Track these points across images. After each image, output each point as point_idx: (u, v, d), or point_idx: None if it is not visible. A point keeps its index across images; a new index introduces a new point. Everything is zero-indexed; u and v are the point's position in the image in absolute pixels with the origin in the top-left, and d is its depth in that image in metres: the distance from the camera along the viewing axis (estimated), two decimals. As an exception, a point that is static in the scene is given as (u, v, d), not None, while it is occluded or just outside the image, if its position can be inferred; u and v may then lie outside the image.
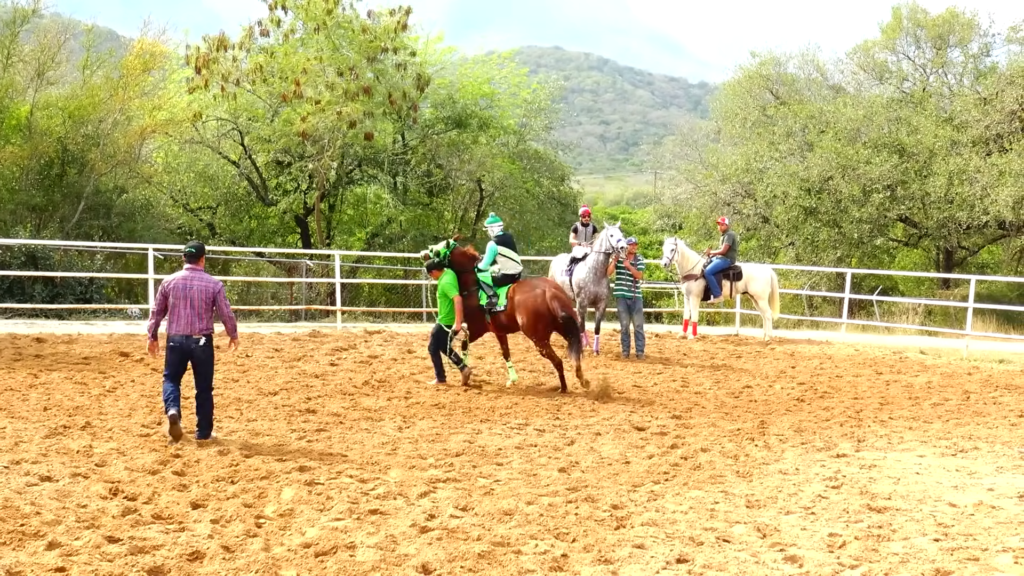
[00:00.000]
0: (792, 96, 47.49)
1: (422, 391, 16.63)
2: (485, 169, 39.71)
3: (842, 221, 41.02)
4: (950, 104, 43.50)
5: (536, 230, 42.59)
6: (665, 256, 26.21)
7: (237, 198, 40.87)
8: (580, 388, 16.85)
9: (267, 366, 18.54)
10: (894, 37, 46.96)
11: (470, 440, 12.70)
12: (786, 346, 25.15)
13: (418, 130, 40.20)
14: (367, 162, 39.68)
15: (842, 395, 17.54)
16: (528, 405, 15.73)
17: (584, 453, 12.16)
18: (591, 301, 22.29)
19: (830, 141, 41.36)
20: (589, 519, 9.12)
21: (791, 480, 10.94)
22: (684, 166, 50.63)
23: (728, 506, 9.75)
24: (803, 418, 15.10)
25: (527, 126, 44.70)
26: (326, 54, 35.98)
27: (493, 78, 43.53)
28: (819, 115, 43.83)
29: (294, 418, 13.80)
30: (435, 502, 9.55)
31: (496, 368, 19.65)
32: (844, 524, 9.18)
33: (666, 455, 12.16)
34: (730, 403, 16.53)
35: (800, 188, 41.50)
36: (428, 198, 42.00)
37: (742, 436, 13.44)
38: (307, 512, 9.11)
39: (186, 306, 12.14)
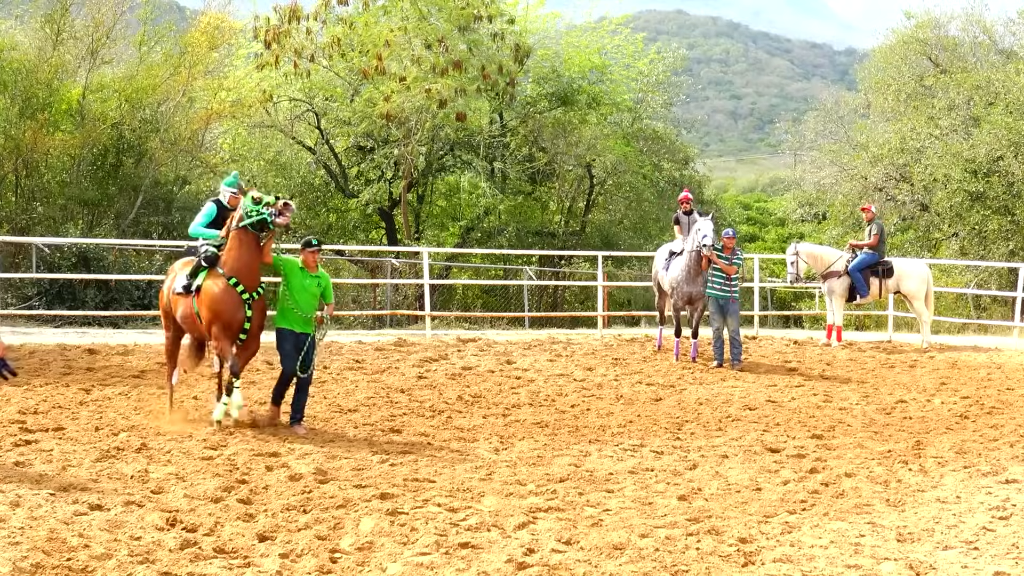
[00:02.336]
0: (954, 63, 46.79)
1: (523, 408, 16.67)
2: (595, 152, 39.69)
3: (1015, 208, 40.36)
4: None
5: (655, 221, 42.55)
6: (789, 272, 26.09)
7: (313, 189, 41.29)
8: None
9: (346, 379, 18.74)
10: (1076, -8, 46.13)
11: (576, 464, 12.71)
12: (948, 354, 24.80)
13: (518, 108, 40.27)
14: (460, 146, 39.86)
15: (1013, 411, 17.24)
16: (644, 424, 15.72)
17: (708, 478, 12.12)
18: (685, 301, 22.32)
19: (1000, 115, 40.71)
20: (712, 555, 9.08)
21: (951, 510, 10.79)
22: (828, 146, 50.11)
23: (876, 540, 9.65)
24: (966, 438, 14.89)
25: (644, 102, 44.60)
26: (412, 24, 36.12)
27: (604, 48, 43.47)
28: (987, 85, 43.14)
29: (376, 439, 13.92)
30: (535, 534, 9.57)
31: (608, 380, 19.64)
32: (1013, 561, 9.04)
33: (804, 481, 12.07)
34: (880, 420, 16.36)
35: (965, 170, 40.89)
36: (530, 186, 42.11)
37: (894, 459, 13.28)
38: (388, 545, 9.17)
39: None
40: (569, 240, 41.80)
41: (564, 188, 43.59)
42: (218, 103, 36.35)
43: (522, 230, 40.70)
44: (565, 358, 22.20)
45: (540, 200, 43.46)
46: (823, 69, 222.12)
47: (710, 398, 18.13)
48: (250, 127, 38.85)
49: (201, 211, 15.31)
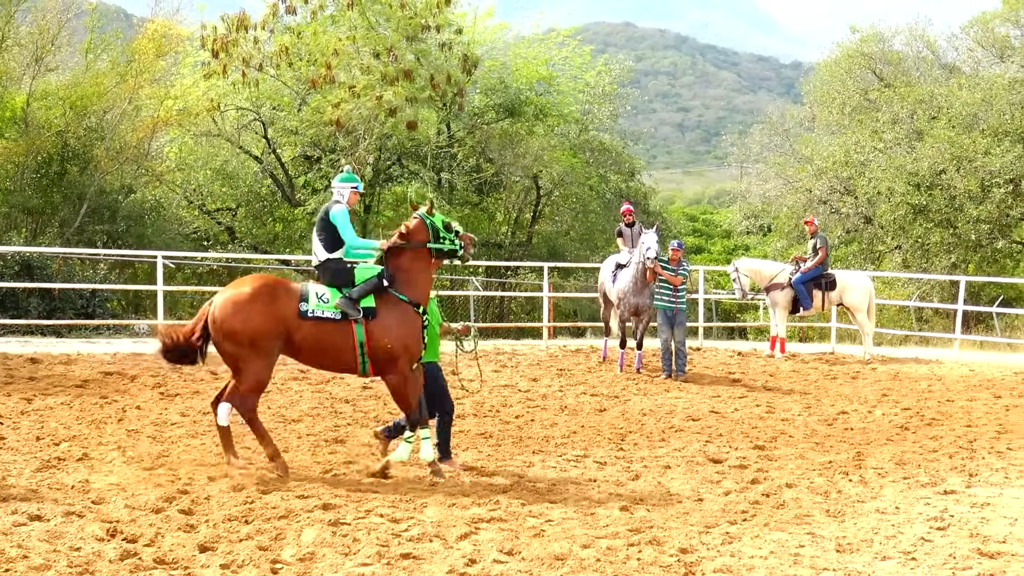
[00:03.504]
0: (898, 77, 47.24)
1: (467, 419, 16.68)
2: (542, 163, 39.79)
3: (957, 221, 40.74)
4: (1084, 85, 43.08)
5: (601, 233, 42.62)
6: (736, 288, 26.36)
7: (260, 198, 41.18)
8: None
9: (291, 390, 18.69)
10: (1017, 8, 46.59)
11: (520, 474, 12.73)
12: (890, 366, 24.99)
13: (465, 119, 40.31)
14: (408, 156, 39.85)
15: (953, 422, 17.39)
16: (588, 434, 15.76)
17: (650, 489, 12.17)
18: (631, 312, 22.45)
19: (943, 129, 41.11)
20: (653, 565, 9.10)
21: (890, 520, 10.87)
22: (773, 159, 50.46)
23: (815, 550, 9.69)
24: (906, 449, 15.00)
25: (591, 114, 44.76)
26: (360, 33, 36.13)
27: (552, 59, 43.61)
28: (930, 99, 43.58)
29: (319, 449, 13.90)
30: (476, 545, 9.55)
31: (553, 391, 19.69)
32: (950, 572, 9.10)
33: (745, 491, 12.12)
34: (822, 431, 16.46)
35: (908, 183, 41.25)
36: (477, 197, 42.13)
37: (834, 470, 13.37)
38: (330, 556, 9.13)
39: None
40: (516, 251, 41.84)
41: (511, 199, 43.68)
42: (164, 111, 36.20)
43: (469, 241, 40.66)
44: (510, 369, 22.23)
45: (487, 211, 43.49)
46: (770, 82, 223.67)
47: (654, 409, 18.19)
48: (196, 136, 38.74)
49: (340, 219, 12.89)
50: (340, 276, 12.68)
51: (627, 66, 49.50)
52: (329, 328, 12.43)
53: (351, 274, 12.67)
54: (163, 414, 15.87)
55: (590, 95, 44.35)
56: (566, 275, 42.24)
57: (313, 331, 12.41)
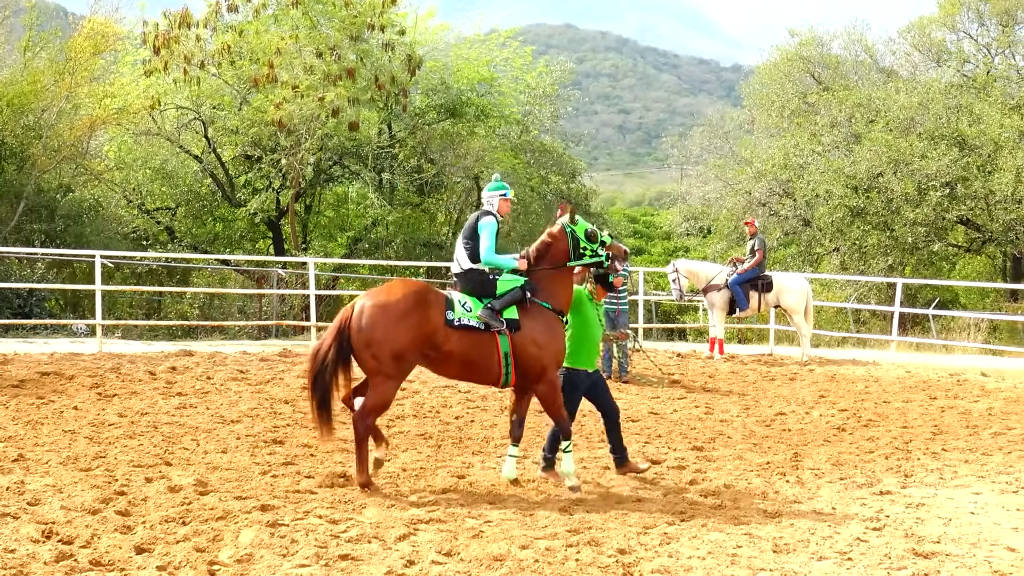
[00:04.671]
0: (837, 81, 47.56)
1: (407, 419, 16.64)
2: (483, 164, 39.77)
3: (894, 224, 41.03)
4: (1018, 89, 43.55)
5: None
6: (673, 289, 26.37)
7: (200, 198, 40.93)
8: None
9: (230, 390, 18.54)
10: (954, 13, 47.03)
11: (459, 475, 12.70)
12: (827, 367, 25.15)
13: (406, 119, 40.23)
14: (349, 156, 39.73)
15: (889, 423, 17.53)
16: (528, 435, 15.71)
17: (589, 490, 12.18)
18: None
19: (880, 132, 41.40)
20: (592, 566, 9.11)
21: (826, 521, 10.93)
22: (713, 161, 50.72)
23: (752, 551, 9.74)
24: (843, 450, 15.10)
25: (532, 115, 44.80)
26: (303, 32, 36.01)
27: (493, 60, 43.59)
28: (867, 102, 43.88)
29: (258, 450, 13.80)
30: (415, 546, 9.53)
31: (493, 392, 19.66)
32: (885, 572, 9.17)
33: (683, 492, 12.17)
34: (760, 433, 16.54)
35: (846, 186, 41.53)
36: (418, 197, 42.04)
37: (772, 470, 13.44)
38: (268, 558, 9.09)
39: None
40: (457, 252, 41.71)
41: (452, 200, 43.64)
42: (103, 110, 35.87)
43: (410, 241, 40.63)
44: (451, 369, 22.17)
45: (428, 211, 43.40)
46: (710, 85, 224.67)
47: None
48: (136, 135, 38.41)
49: (484, 230, 12.50)
50: (481, 286, 12.41)
51: (568, 67, 49.57)
52: (474, 338, 12.16)
53: (493, 285, 12.41)
54: (101, 415, 15.71)
55: (531, 96, 44.39)
56: (507, 276, 42.20)
57: (460, 340, 12.09)
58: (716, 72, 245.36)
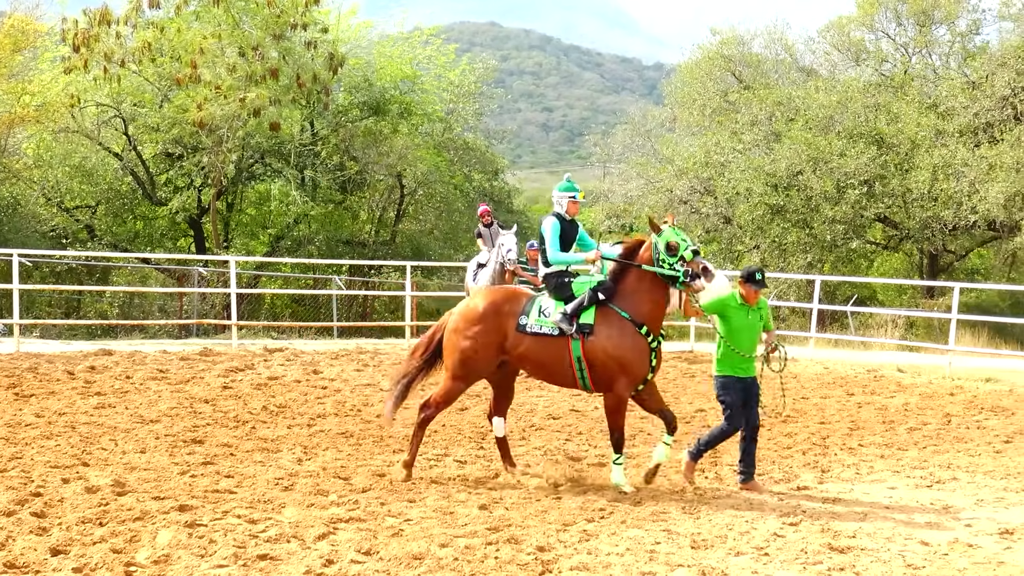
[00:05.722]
0: (757, 80, 47.82)
1: (328, 418, 16.58)
2: (406, 162, 39.74)
3: (813, 221, 41.33)
4: (934, 89, 43.95)
5: (466, 232, 42.66)
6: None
7: (120, 196, 40.59)
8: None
9: (149, 389, 18.42)
10: (872, 13, 47.38)
11: (380, 474, 12.67)
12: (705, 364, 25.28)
13: (329, 117, 40.12)
14: (271, 154, 39.56)
15: (807, 419, 17.67)
16: (449, 433, 15.75)
17: (509, 488, 12.18)
18: None
19: (800, 131, 41.70)
20: (511, 563, 9.12)
21: (744, 517, 11.01)
22: (635, 159, 50.80)
23: (671, 547, 9.79)
24: (761, 446, 15.12)
25: (455, 113, 44.81)
26: (225, 30, 35.75)
27: (416, 58, 43.59)
28: (787, 101, 44.18)
29: (177, 449, 13.69)
30: (335, 545, 9.50)
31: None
32: (801, 566, 9.25)
33: (604, 489, 12.19)
34: (681, 429, 16.53)
35: (766, 184, 41.77)
36: (341, 195, 41.95)
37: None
38: (185, 558, 9.03)
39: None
40: (379, 250, 41.72)
41: (375, 197, 43.56)
42: (22, 107, 35.46)
43: (332, 239, 40.52)
44: (372, 368, 22.16)
45: (351, 209, 43.30)
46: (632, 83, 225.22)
47: (514, 407, 18.12)
48: (55, 132, 37.98)
49: (547, 231, 12.69)
50: (560, 289, 12.47)
51: (492, 65, 49.65)
52: (546, 343, 12.29)
53: (570, 287, 12.45)
54: (17, 415, 15.55)
55: (455, 94, 44.40)
56: (429, 274, 42.19)
57: (532, 346, 12.32)
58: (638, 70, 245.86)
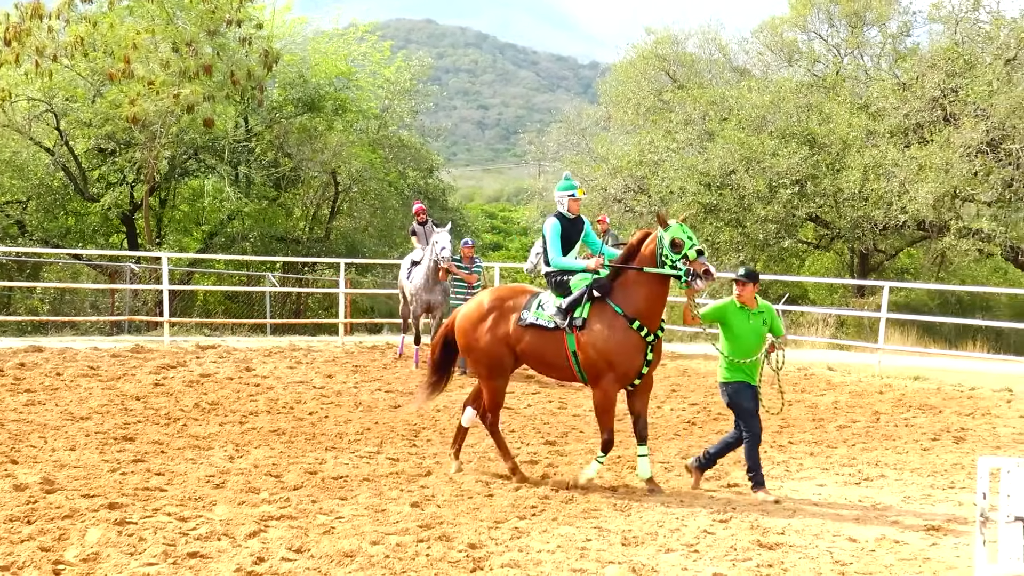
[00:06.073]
0: (691, 79, 47.99)
1: (260, 415, 16.52)
2: (341, 159, 39.63)
3: (746, 220, 41.51)
4: (866, 90, 44.24)
5: (400, 229, 42.58)
6: (529, 261, 26.30)
7: (51, 191, 40.13)
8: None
9: (80, 387, 18.27)
10: (805, 13, 47.65)
11: (312, 471, 12.64)
12: (679, 362, 25.43)
13: (264, 113, 39.94)
14: (205, 150, 39.32)
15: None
16: (382, 431, 15.73)
17: (442, 485, 12.19)
18: (424, 309, 22.66)
19: (733, 130, 41.86)
20: (442, 561, 9.14)
21: (674, 514, 11.07)
22: (570, 158, 50.79)
23: (602, 544, 9.83)
24: (693, 443, 15.30)
25: (391, 110, 44.69)
26: (159, 26, 35.50)
27: (351, 55, 43.43)
28: (721, 100, 44.34)
29: (108, 447, 13.60)
30: (265, 543, 9.48)
31: (348, 388, 19.61)
32: (731, 563, 9.32)
33: (535, 486, 12.23)
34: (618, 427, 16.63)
35: (699, 183, 41.91)
36: (275, 192, 41.75)
37: (622, 465, 13.58)
38: (115, 556, 8.97)
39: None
40: (313, 247, 41.57)
41: (309, 194, 43.41)
42: (-49, 102, 35.08)
43: (266, 236, 40.35)
44: (305, 365, 22.11)
45: (285, 206, 43.11)
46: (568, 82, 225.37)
47: (448, 405, 18.21)
48: (-15, 126, 37.57)
49: (549, 233, 12.69)
50: (559, 287, 12.54)
51: (427, 63, 49.52)
52: (544, 337, 12.42)
53: (569, 284, 12.48)
54: (-55, 412, 15.42)
55: (390, 91, 44.30)
56: (364, 271, 42.12)
57: (531, 340, 12.49)
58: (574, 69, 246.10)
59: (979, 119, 36.79)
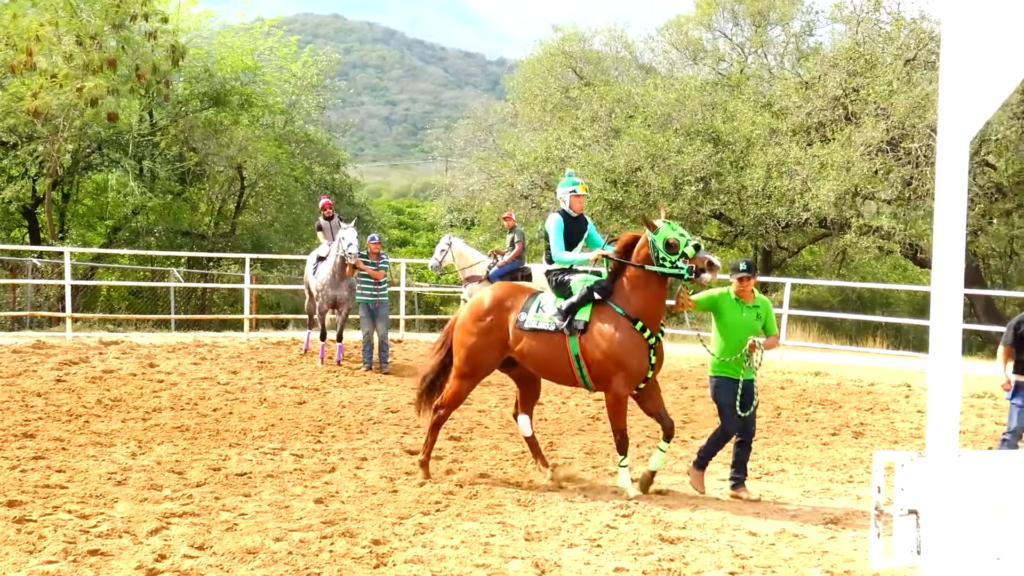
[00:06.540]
0: (598, 76, 48.17)
1: (164, 412, 16.39)
2: (247, 154, 39.40)
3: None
4: (769, 88, 44.67)
5: (307, 225, 42.40)
6: (434, 257, 26.28)
7: (-50, 185, 39.56)
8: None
9: (-20, 383, 18.04)
10: (710, 12, 48.05)
11: (215, 467, 12.57)
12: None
13: (169, 108, 39.59)
14: (109, 145, 38.90)
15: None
16: (286, 427, 15.68)
17: (346, 481, 12.17)
18: (330, 305, 22.62)
19: (638, 128, 42.08)
20: (345, 557, 9.12)
21: (577, 509, 11.12)
22: (477, 154, 50.82)
23: (505, 539, 9.86)
24: (596, 439, 15.39)
25: (297, 105, 44.50)
26: (63, 18, 35.01)
27: (258, 49, 43.21)
28: (627, 98, 44.54)
29: (7, 444, 13.44)
30: (167, 540, 9.41)
31: (253, 384, 19.51)
32: (632, 557, 9.37)
33: (439, 482, 12.24)
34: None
35: (605, 180, 42.05)
36: (180, 186, 41.41)
37: (527, 460, 13.60)
38: (13, 554, 8.87)
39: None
40: (219, 242, 41.31)
41: (215, 189, 43.10)
42: None
43: (171, 231, 40.04)
44: (210, 361, 21.94)
45: (190, 201, 42.78)
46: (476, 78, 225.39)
47: (353, 401, 18.21)
48: None
49: (552, 230, 12.73)
50: (559, 287, 12.37)
51: (335, 58, 49.45)
52: (545, 340, 12.20)
53: (570, 284, 12.30)
54: None
55: (297, 86, 44.12)
56: (269, 267, 41.90)
57: (530, 343, 12.26)
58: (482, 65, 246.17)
59: (879, 118, 37.23)
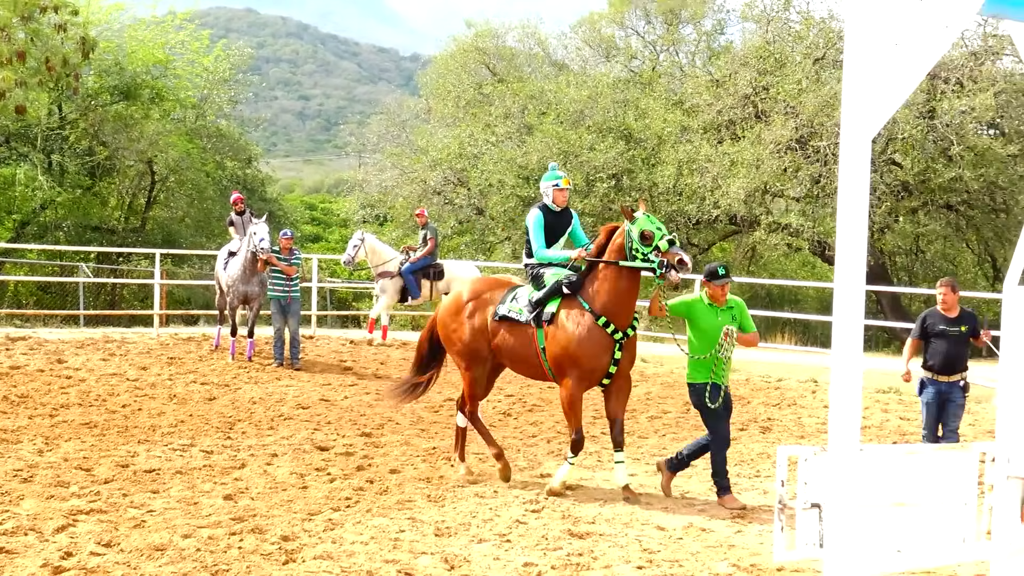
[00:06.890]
0: (511, 73, 48.22)
1: (72, 408, 16.24)
2: (157, 148, 39.11)
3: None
4: (681, 86, 44.95)
5: (218, 220, 42.12)
6: (347, 253, 26.18)
7: None
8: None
9: None
10: (623, 10, 48.24)
11: (123, 464, 12.48)
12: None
13: (78, 101, 39.17)
14: (16, 138, 38.49)
15: (553, 408, 17.90)
16: (196, 423, 15.59)
17: (256, 477, 12.14)
18: (241, 300, 22.50)
19: (551, 124, 42.18)
20: (254, 553, 9.11)
21: (487, 504, 11.18)
22: (390, 150, 50.71)
23: (415, 535, 9.89)
24: (507, 434, 15.44)
25: (209, 99, 44.19)
26: (-31, 10, 34.57)
27: (169, 43, 42.86)
28: (540, 95, 44.64)
29: (-89, 441, 13.28)
30: (74, 537, 9.36)
31: (162, 380, 19.37)
32: (542, 552, 9.44)
33: (350, 478, 12.25)
34: (428, 418, 16.74)
35: (518, 176, 42.13)
36: (90, 180, 40.99)
37: (437, 456, 13.64)
38: (-84, 553, 8.78)
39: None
40: (129, 237, 40.94)
41: (125, 184, 42.72)
42: None
43: (80, 225, 39.59)
44: (119, 357, 21.73)
45: (100, 195, 42.37)
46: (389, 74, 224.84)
47: (264, 397, 18.13)
48: None
49: (532, 225, 12.62)
50: (534, 280, 12.36)
51: (247, 52, 49.10)
52: (516, 333, 12.24)
53: (543, 278, 12.24)
54: None
55: (208, 80, 43.81)
56: (180, 262, 41.55)
57: (504, 333, 12.32)
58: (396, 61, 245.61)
59: (789, 116, 37.58)
